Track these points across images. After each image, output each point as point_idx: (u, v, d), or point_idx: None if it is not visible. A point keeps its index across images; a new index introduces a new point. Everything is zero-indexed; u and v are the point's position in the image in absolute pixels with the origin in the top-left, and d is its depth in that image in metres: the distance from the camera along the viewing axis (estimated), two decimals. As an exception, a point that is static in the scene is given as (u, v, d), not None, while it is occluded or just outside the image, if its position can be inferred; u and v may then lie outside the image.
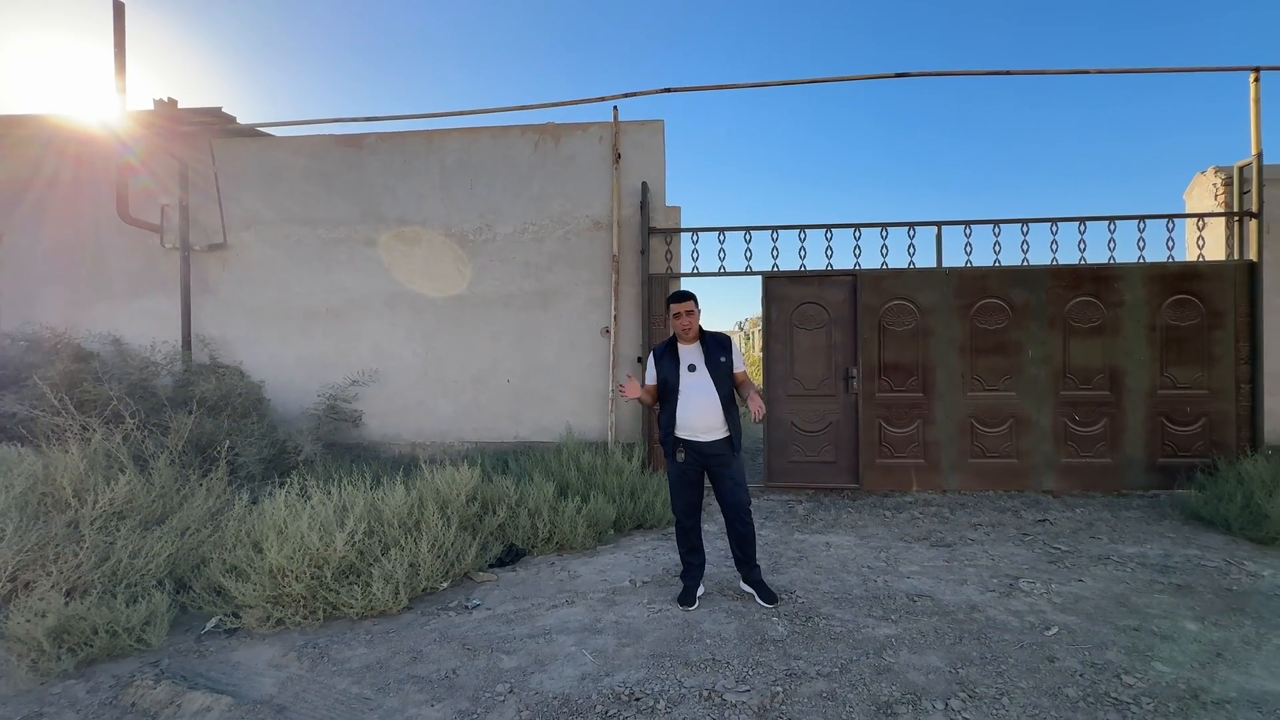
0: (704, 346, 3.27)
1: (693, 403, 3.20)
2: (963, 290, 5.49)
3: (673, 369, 3.27)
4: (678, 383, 3.25)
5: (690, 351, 3.28)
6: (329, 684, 2.60)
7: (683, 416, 3.22)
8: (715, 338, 3.32)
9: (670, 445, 3.27)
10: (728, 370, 3.24)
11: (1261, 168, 5.31)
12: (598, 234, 5.86)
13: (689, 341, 3.29)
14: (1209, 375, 5.33)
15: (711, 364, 3.22)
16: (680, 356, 3.28)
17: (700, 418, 3.19)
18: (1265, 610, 3.13)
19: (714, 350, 3.26)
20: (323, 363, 6.00)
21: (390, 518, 3.64)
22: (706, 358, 3.24)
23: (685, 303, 3.25)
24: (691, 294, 3.29)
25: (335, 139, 6.11)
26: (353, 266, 6.04)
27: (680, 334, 3.28)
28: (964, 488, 5.44)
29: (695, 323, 3.27)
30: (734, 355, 3.29)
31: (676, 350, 3.31)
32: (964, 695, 2.42)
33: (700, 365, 3.23)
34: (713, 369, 3.21)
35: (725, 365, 3.24)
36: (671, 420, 3.26)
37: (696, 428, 3.20)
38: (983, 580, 3.56)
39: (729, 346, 3.30)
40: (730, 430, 3.22)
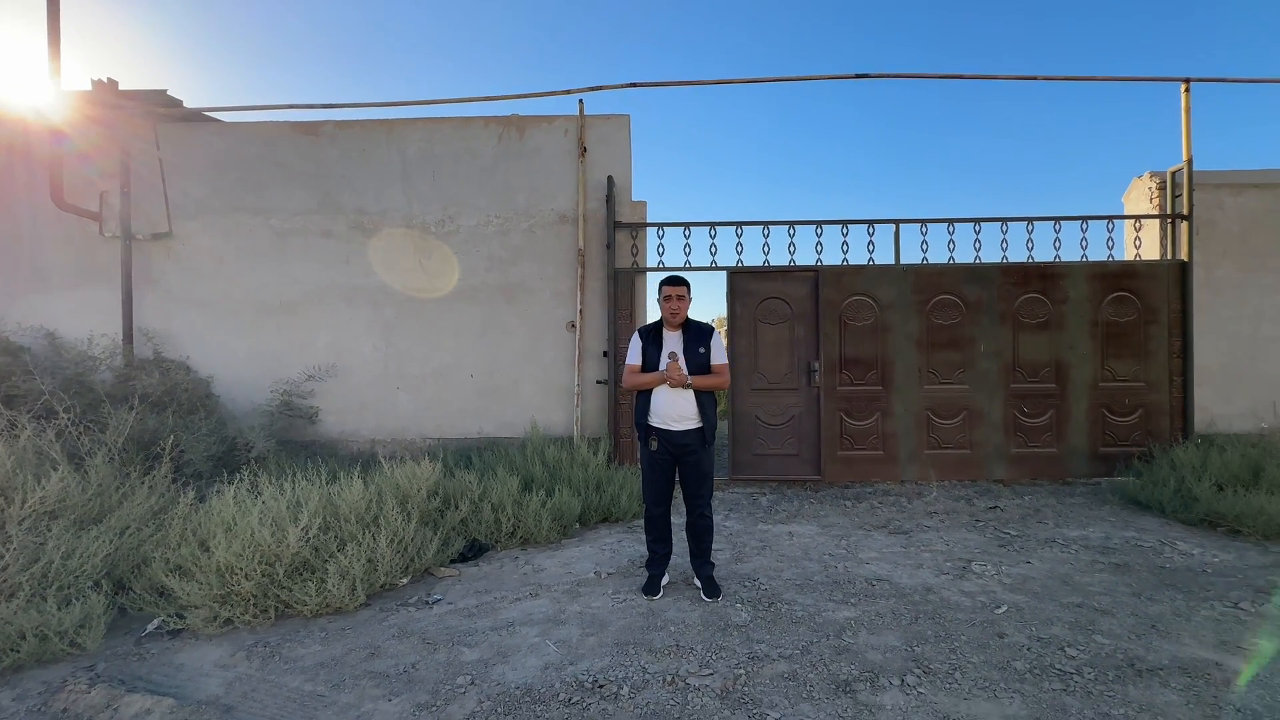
0: (686, 335, 3.26)
1: (667, 391, 3.19)
2: (919, 286, 5.66)
3: (654, 353, 3.26)
4: (655, 368, 3.24)
5: (673, 338, 3.27)
6: (280, 682, 2.50)
7: (656, 404, 3.22)
8: (699, 328, 3.30)
9: (644, 432, 3.27)
10: (705, 362, 3.23)
11: (1191, 173, 5.64)
12: (563, 228, 5.82)
13: (674, 327, 3.28)
14: (1145, 369, 5.63)
15: (690, 353, 3.21)
16: (663, 342, 3.28)
17: (673, 407, 3.19)
18: (1194, 585, 3.32)
19: (695, 340, 3.25)
20: (277, 358, 5.79)
21: (347, 513, 3.53)
22: (686, 346, 3.23)
23: (678, 287, 3.24)
24: (686, 280, 3.28)
25: (290, 125, 5.91)
26: (308, 258, 5.85)
27: (668, 318, 3.27)
28: (921, 478, 5.61)
29: (684, 309, 3.26)
30: (714, 347, 3.27)
31: (661, 335, 3.30)
32: (919, 671, 2.49)
33: (680, 353, 3.22)
34: (690, 359, 3.20)
35: (703, 357, 3.22)
36: (646, 407, 3.25)
37: (669, 416, 3.20)
38: (938, 564, 3.68)
39: (709, 337, 3.27)
40: (703, 422, 3.21)
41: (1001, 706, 2.26)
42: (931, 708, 2.25)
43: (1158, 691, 2.33)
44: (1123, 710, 2.22)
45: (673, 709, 2.27)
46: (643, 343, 3.31)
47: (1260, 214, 5.75)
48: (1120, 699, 2.29)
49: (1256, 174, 5.77)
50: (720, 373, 3.27)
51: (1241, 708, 2.22)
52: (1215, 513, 4.23)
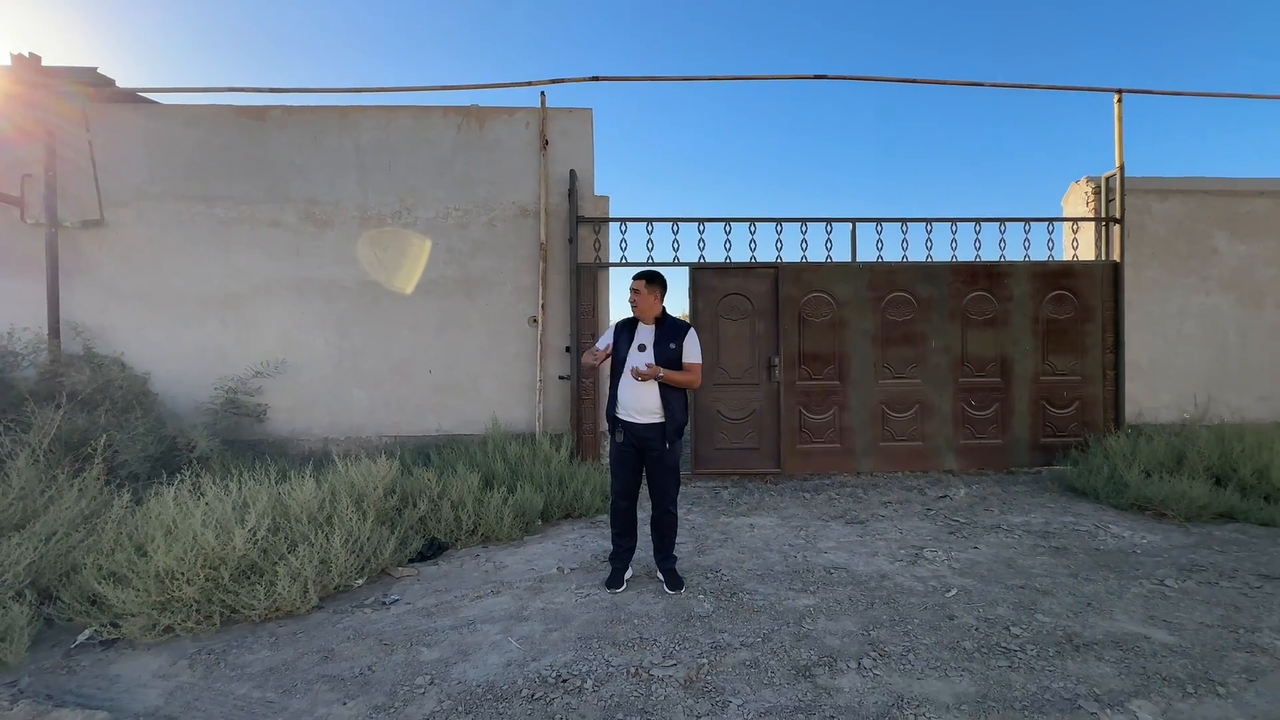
0: (660, 330, 3.26)
1: (631, 383, 3.18)
2: (875, 284, 5.83)
3: (625, 343, 3.26)
4: (624, 359, 3.24)
5: (646, 331, 3.27)
6: (226, 690, 2.39)
7: (622, 395, 3.22)
8: (675, 324, 3.30)
9: (612, 423, 3.27)
10: (675, 358, 3.21)
11: (1123, 179, 5.99)
12: (525, 221, 5.74)
13: (648, 321, 3.29)
14: (1082, 363, 5.95)
15: (660, 348, 3.20)
16: (636, 334, 3.27)
17: (636, 399, 3.18)
18: (1125, 565, 3.53)
19: (668, 335, 3.24)
20: (221, 353, 5.51)
21: (298, 513, 3.40)
22: (657, 340, 3.22)
23: (637, 280, 3.25)
24: (649, 274, 3.26)
25: (235, 110, 5.63)
26: (256, 249, 5.59)
27: (633, 310, 3.28)
28: (876, 469, 5.78)
29: (643, 303, 3.25)
30: (687, 345, 3.25)
31: (636, 327, 3.30)
32: (875, 654, 2.57)
33: (650, 347, 3.21)
34: (660, 354, 3.19)
35: (674, 353, 3.21)
36: (614, 399, 3.25)
37: (632, 408, 3.20)
38: (892, 552, 3.80)
39: (684, 334, 3.26)
40: (665, 418, 3.19)
41: (952, 684, 2.35)
42: (886, 688, 2.33)
43: (1093, 664, 2.48)
44: (1062, 683, 2.34)
45: (637, 700, 2.28)
46: (615, 331, 3.32)
47: (1183, 218, 6.15)
48: (1060, 673, 2.42)
49: (1181, 180, 6.16)
50: (690, 370, 3.24)
51: (1167, 676, 2.38)
52: (1144, 497, 4.51)
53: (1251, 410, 6.09)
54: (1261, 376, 6.18)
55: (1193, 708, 2.19)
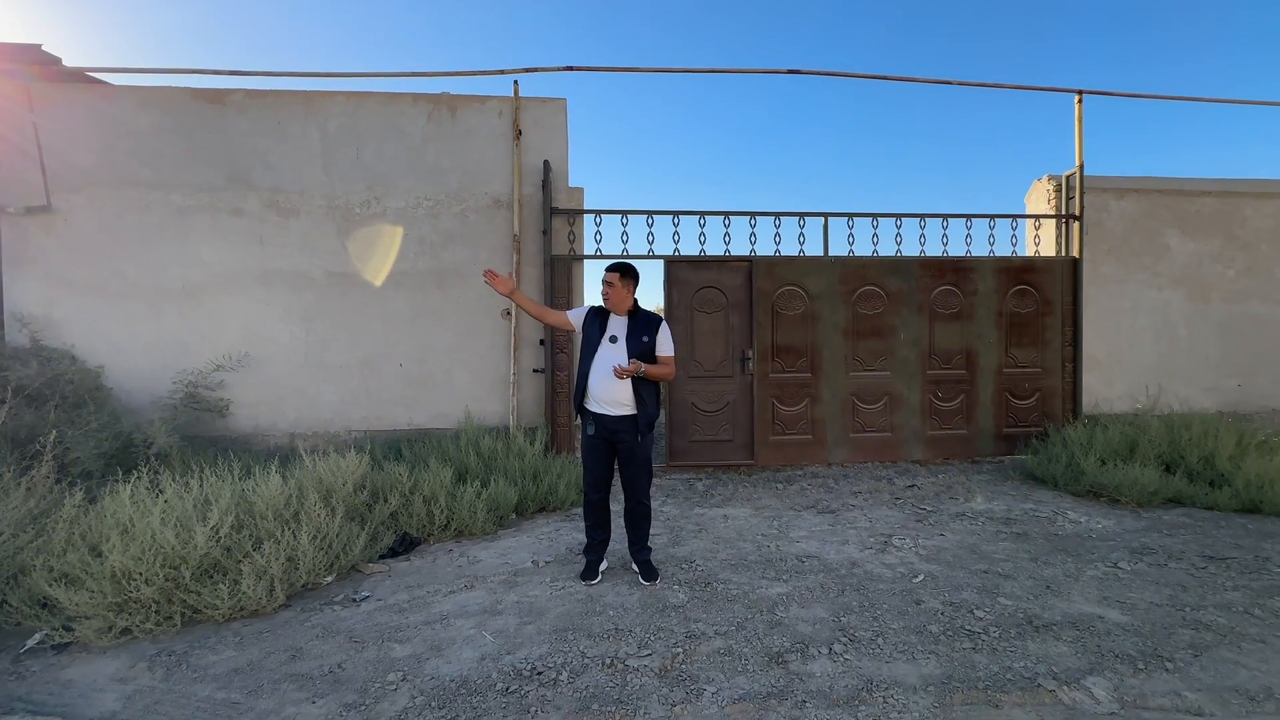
0: (632, 322, 3.23)
1: (603, 375, 3.15)
2: (846, 277, 5.92)
3: (595, 333, 3.21)
4: (595, 350, 3.19)
5: (618, 323, 3.23)
6: (188, 692, 2.32)
7: (593, 387, 3.19)
8: (647, 317, 3.26)
9: (582, 416, 3.25)
10: (648, 351, 3.18)
11: (1083, 178, 6.19)
12: (498, 212, 5.66)
13: (620, 313, 3.24)
14: (1042, 355, 6.16)
15: (633, 341, 3.17)
16: (608, 324, 3.23)
17: (607, 391, 3.16)
18: (1081, 549, 3.68)
19: (640, 328, 3.20)
20: (180, 346, 5.31)
21: (263, 510, 3.31)
22: (630, 334, 3.19)
23: (610, 273, 3.21)
24: (623, 267, 3.23)
25: (192, 93, 5.40)
26: (216, 238, 5.39)
27: (606, 303, 3.24)
28: (847, 460, 5.90)
29: (615, 296, 3.21)
30: (661, 338, 3.23)
31: (607, 318, 3.25)
32: (845, 639, 2.63)
33: (622, 339, 3.18)
34: (632, 346, 3.16)
35: (647, 346, 3.18)
36: (583, 389, 3.22)
37: (603, 400, 3.18)
38: (862, 540, 3.88)
39: (656, 328, 3.23)
40: (638, 410, 3.18)
41: (919, 667, 2.42)
42: (856, 672, 2.38)
43: (1051, 644, 2.57)
44: (1023, 663, 2.43)
45: (612, 690, 2.29)
46: (588, 313, 3.27)
47: (1138, 216, 6.39)
48: (1021, 653, 2.51)
49: (1136, 180, 6.40)
50: (665, 363, 3.24)
51: (1120, 654, 2.49)
52: (1099, 484, 4.70)
53: (1198, 400, 6.38)
54: (1207, 368, 6.48)
55: (1143, 682, 2.29)
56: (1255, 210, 6.51)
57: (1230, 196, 6.48)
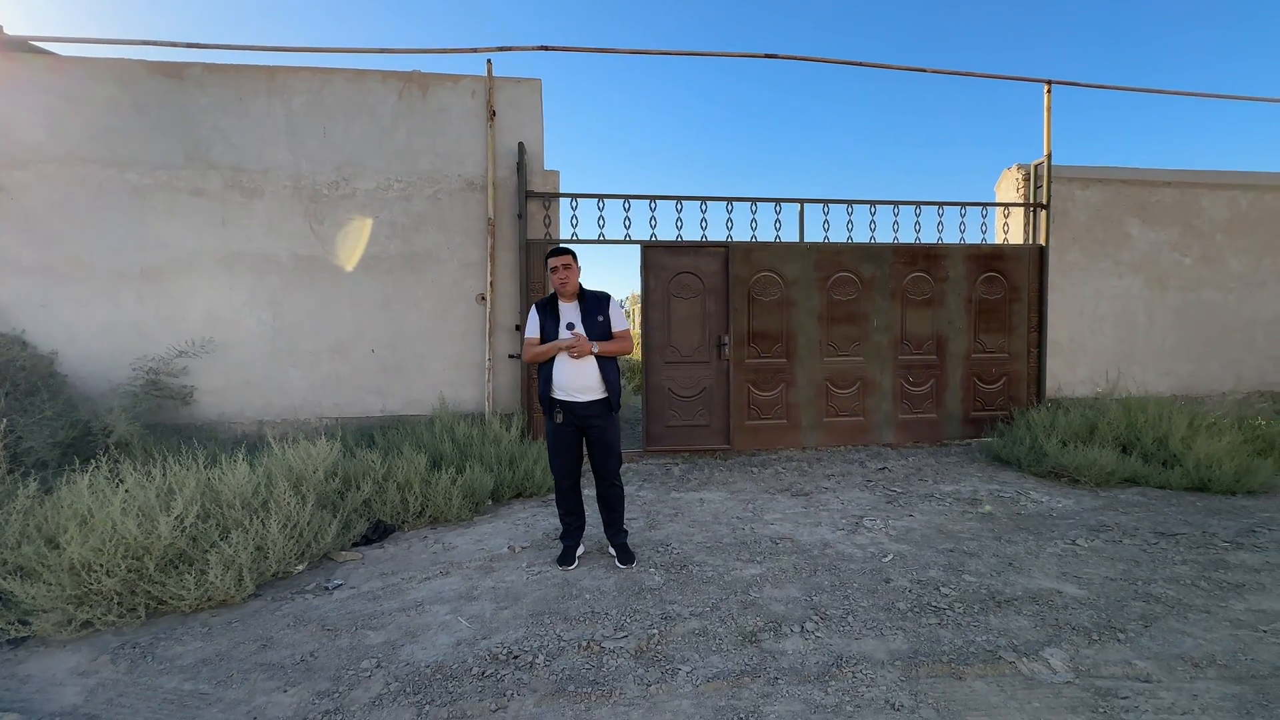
0: (583, 305, 3.24)
1: (569, 362, 3.16)
2: (821, 264, 5.97)
3: (552, 326, 3.21)
4: (555, 339, 3.20)
5: (570, 309, 3.24)
6: (154, 684, 2.27)
7: (559, 376, 3.18)
8: (595, 296, 3.29)
9: (548, 405, 3.23)
10: (605, 329, 3.23)
11: (1051, 167, 6.32)
12: (471, 195, 5.55)
13: (568, 298, 3.25)
14: (1009, 341, 6.32)
15: (589, 323, 3.20)
16: (560, 314, 3.23)
17: (576, 377, 3.16)
18: (1042, 528, 3.81)
19: (592, 309, 3.24)
20: (139, 332, 5.12)
21: (230, 498, 3.23)
22: (584, 316, 3.21)
23: (563, 256, 3.21)
24: (571, 250, 3.25)
25: (148, 66, 5.15)
26: (176, 218, 5.18)
27: (558, 289, 3.23)
28: (820, 444, 6.00)
29: (572, 278, 3.22)
30: (612, 314, 3.28)
31: (557, 307, 3.26)
32: (817, 618, 2.69)
33: (578, 324, 3.20)
34: (589, 328, 3.19)
35: (603, 325, 3.22)
36: (548, 379, 3.20)
37: (572, 387, 3.17)
38: (834, 521, 3.96)
39: (607, 304, 3.28)
40: (607, 391, 3.22)
41: (887, 642, 2.49)
42: (827, 649, 2.45)
43: (1013, 618, 2.67)
44: (985, 636, 2.52)
45: (588, 672, 2.31)
46: (539, 315, 3.26)
47: (1101, 206, 6.56)
48: (984, 627, 2.60)
49: (1101, 170, 6.56)
50: (622, 338, 3.28)
51: (1076, 626, 2.60)
52: (1060, 465, 4.87)
53: (1154, 384, 6.64)
54: (1164, 354, 6.73)
55: (1097, 652, 2.40)
56: (1211, 201, 6.74)
57: (1188, 187, 6.69)
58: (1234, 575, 3.09)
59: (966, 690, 2.18)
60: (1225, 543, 3.53)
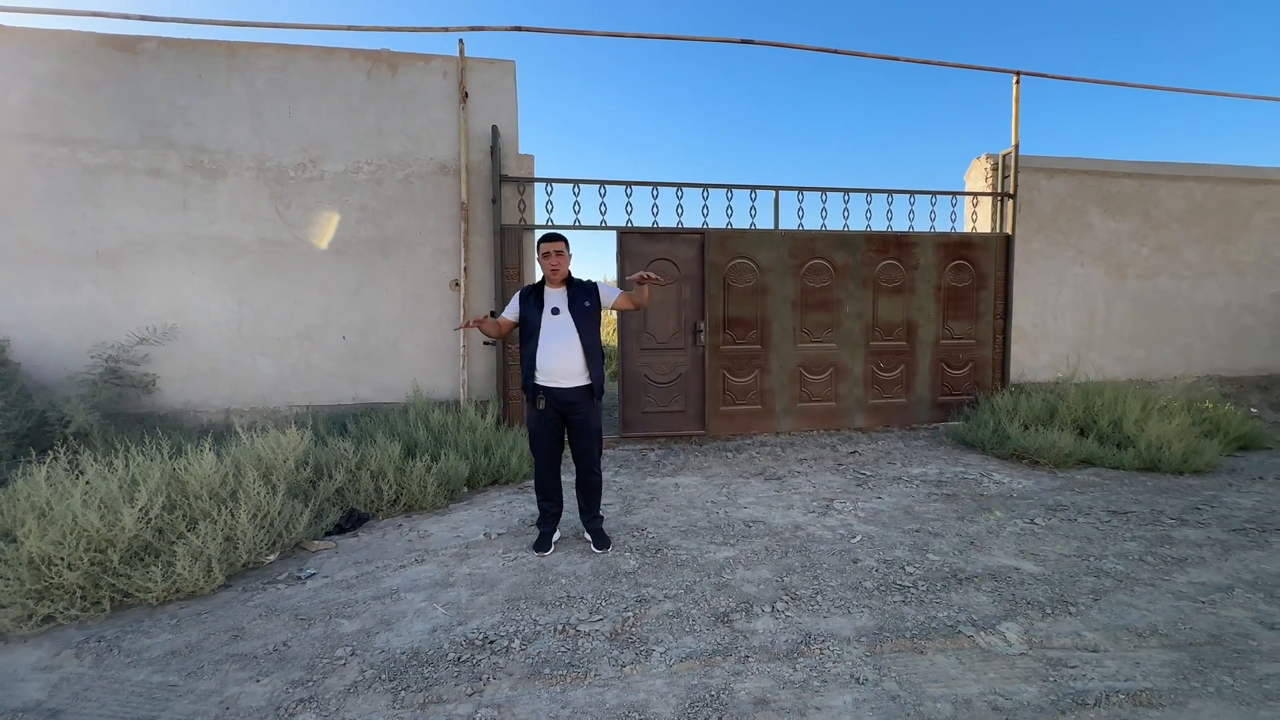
0: (570, 291, 3.25)
1: (552, 347, 3.17)
2: (795, 251, 6.04)
3: (535, 310, 3.22)
4: (539, 324, 3.19)
5: (556, 295, 3.25)
6: (121, 677, 2.24)
7: (542, 361, 3.18)
8: (581, 284, 3.30)
9: (531, 391, 3.24)
10: (593, 314, 3.24)
11: (1018, 157, 6.46)
12: (444, 179, 5.45)
13: (556, 284, 3.26)
14: (976, 328, 6.49)
15: (576, 308, 3.21)
16: (545, 299, 3.24)
17: (559, 363, 3.17)
18: (1003, 508, 3.97)
19: (579, 295, 3.24)
20: (97, 318, 4.94)
21: (197, 489, 3.17)
22: (571, 302, 3.22)
23: (556, 243, 3.21)
24: (564, 236, 3.26)
25: (98, 39, 4.91)
26: (133, 200, 4.99)
27: (548, 274, 3.23)
28: (794, 429, 6.11)
29: (564, 264, 3.24)
30: (603, 293, 3.30)
31: (543, 293, 3.26)
32: (787, 598, 2.77)
33: (564, 309, 3.20)
34: (576, 313, 3.19)
35: (591, 309, 3.23)
36: (531, 365, 3.21)
37: (555, 373, 3.18)
38: (806, 504, 4.06)
39: (595, 290, 3.30)
40: (591, 378, 3.23)
41: (854, 620, 2.58)
42: (796, 628, 2.52)
43: (973, 594, 2.79)
44: (946, 612, 2.63)
45: (564, 655, 2.34)
46: (521, 303, 3.27)
47: (1065, 196, 6.74)
48: (945, 604, 2.71)
49: (1065, 160, 6.73)
50: (638, 294, 3.22)
51: (1031, 601, 2.72)
52: (1021, 448, 5.05)
53: (1112, 369, 6.90)
54: (1121, 339, 7.00)
55: (1049, 625, 2.53)
56: (1168, 192, 6.98)
57: (1147, 179, 6.91)
58: (1178, 550, 3.27)
59: (927, 663, 2.27)
60: (1171, 519, 3.72)
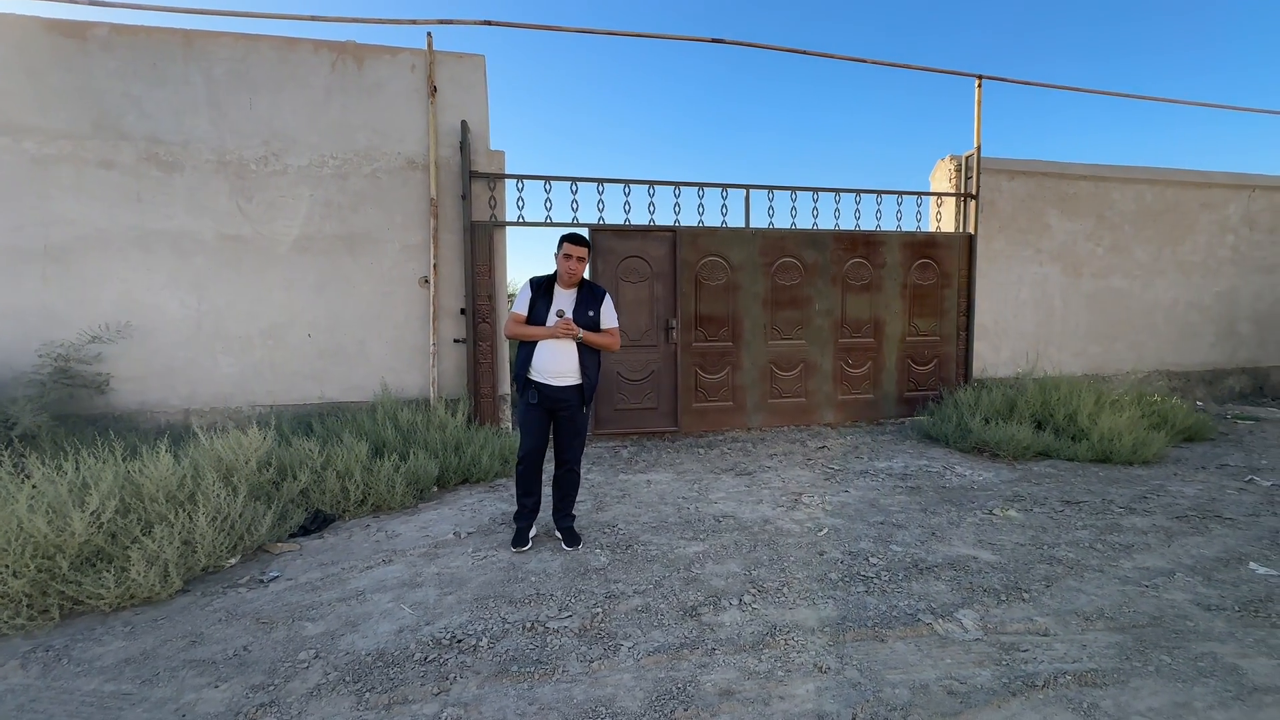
0: (579, 295, 3.27)
1: (550, 347, 3.19)
2: (766, 249, 6.11)
3: (543, 308, 3.22)
4: (542, 322, 3.21)
5: (565, 296, 3.26)
6: (71, 687, 2.17)
7: (538, 358, 3.20)
8: (592, 289, 3.32)
9: (523, 384, 3.24)
10: (594, 323, 3.26)
11: (980, 159, 6.64)
12: (412, 174, 5.37)
13: (568, 286, 3.27)
14: (940, 325, 6.67)
15: (579, 314, 3.23)
16: (554, 298, 3.24)
17: (555, 362, 3.19)
18: (964, 499, 4.09)
19: (586, 301, 3.26)
20: (46, 315, 4.74)
21: (153, 491, 3.08)
22: (577, 306, 3.24)
23: (580, 247, 3.21)
24: (585, 239, 3.26)
25: (43, 24, 4.70)
26: (84, 193, 4.79)
27: (564, 276, 3.24)
28: (765, 425, 6.19)
29: (581, 270, 3.26)
30: (605, 310, 3.31)
31: (553, 290, 3.26)
32: (755, 591, 2.82)
33: (569, 311, 3.22)
34: (579, 319, 3.22)
35: (592, 319, 3.26)
36: (527, 360, 3.22)
37: (549, 371, 3.20)
38: (775, 499, 4.13)
39: (601, 299, 3.31)
40: (583, 379, 3.26)
41: (818, 611, 2.64)
42: (763, 620, 2.57)
43: (933, 584, 2.88)
44: (907, 601, 2.71)
45: (532, 652, 2.35)
46: (533, 294, 3.25)
47: (1024, 197, 6.96)
48: (906, 593, 2.79)
49: (1025, 163, 6.95)
50: (612, 334, 3.32)
51: (987, 589, 2.82)
52: (983, 441, 5.21)
53: (1068, 365, 7.16)
54: (1077, 336, 7.26)
55: (1004, 611, 2.62)
56: (1121, 194, 7.26)
57: (1101, 181, 7.18)
58: (1125, 537, 3.42)
59: (888, 651, 2.34)
60: (1120, 508, 3.89)
